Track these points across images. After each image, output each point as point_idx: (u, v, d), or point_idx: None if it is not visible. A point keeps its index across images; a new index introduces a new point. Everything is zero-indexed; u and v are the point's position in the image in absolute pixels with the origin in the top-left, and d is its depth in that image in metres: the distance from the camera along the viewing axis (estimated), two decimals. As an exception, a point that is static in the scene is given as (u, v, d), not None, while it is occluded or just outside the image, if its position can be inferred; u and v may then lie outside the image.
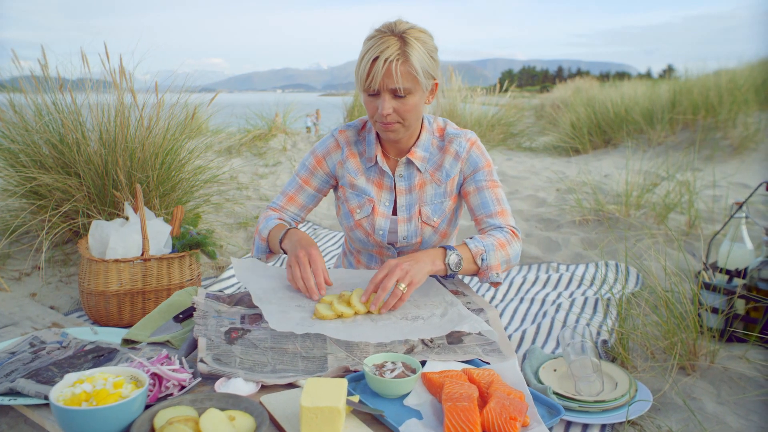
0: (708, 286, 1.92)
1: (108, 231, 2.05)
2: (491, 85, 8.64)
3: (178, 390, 1.12)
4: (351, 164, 1.64)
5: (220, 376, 1.16)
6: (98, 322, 2.05)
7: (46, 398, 1.10)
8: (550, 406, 1.15)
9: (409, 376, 1.13)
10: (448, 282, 1.62)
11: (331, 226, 3.70)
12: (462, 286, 1.61)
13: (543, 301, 2.34)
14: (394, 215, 1.63)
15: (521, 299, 2.39)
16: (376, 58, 1.38)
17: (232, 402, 1.04)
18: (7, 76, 2.79)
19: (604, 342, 1.88)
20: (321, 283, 1.40)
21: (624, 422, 1.44)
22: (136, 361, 1.16)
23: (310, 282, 1.38)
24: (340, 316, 1.33)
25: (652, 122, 6.55)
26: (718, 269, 2.05)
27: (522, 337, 1.99)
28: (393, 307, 1.34)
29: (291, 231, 1.54)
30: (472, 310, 1.46)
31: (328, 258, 3.02)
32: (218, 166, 3.91)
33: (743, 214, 2.04)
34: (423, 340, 1.31)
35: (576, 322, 2.10)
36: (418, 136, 1.60)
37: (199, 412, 0.99)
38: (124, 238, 2.04)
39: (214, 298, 1.45)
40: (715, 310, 1.89)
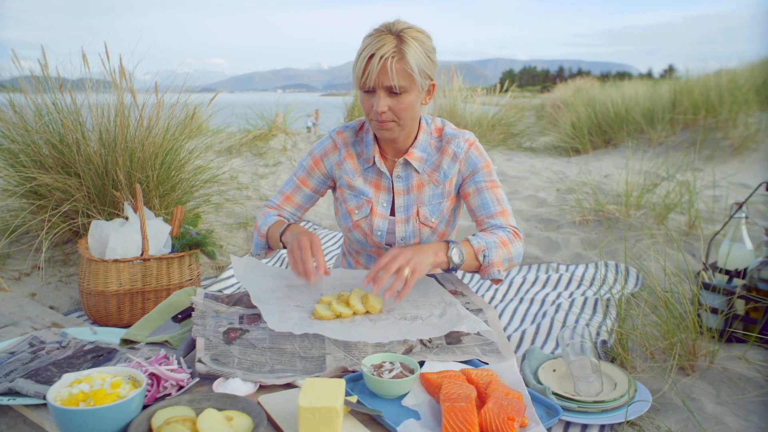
0: (708, 287, 1.92)
1: (108, 231, 2.05)
2: (492, 85, 8.64)
3: (176, 390, 1.12)
4: (349, 165, 1.64)
5: (218, 376, 1.16)
6: (98, 322, 2.05)
7: (45, 398, 1.10)
8: (548, 407, 1.15)
9: (407, 376, 1.13)
10: (447, 282, 1.62)
11: (331, 226, 3.70)
12: (461, 286, 1.61)
13: (543, 302, 2.34)
14: (392, 216, 1.63)
15: (521, 299, 2.39)
16: (372, 55, 1.38)
17: (230, 402, 1.04)
18: (7, 76, 2.79)
19: (604, 342, 1.88)
20: (321, 264, 1.37)
21: (623, 423, 1.44)
22: (134, 361, 1.17)
23: (309, 263, 1.37)
24: (338, 317, 1.33)
25: (653, 122, 6.54)
26: (717, 269, 2.05)
27: (521, 338, 1.99)
28: (399, 296, 1.31)
29: (292, 225, 1.56)
30: (471, 310, 1.46)
31: (328, 258, 3.01)
32: (218, 166, 3.91)
33: (743, 215, 2.04)
34: (422, 341, 1.31)
35: (575, 323, 2.10)
36: (415, 137, 1.60)
37: (197, 412, 0.99)
38: (123, 238, 2.04)
39: (213, 298, 1.46)
40: (715, 311, 1.89)
